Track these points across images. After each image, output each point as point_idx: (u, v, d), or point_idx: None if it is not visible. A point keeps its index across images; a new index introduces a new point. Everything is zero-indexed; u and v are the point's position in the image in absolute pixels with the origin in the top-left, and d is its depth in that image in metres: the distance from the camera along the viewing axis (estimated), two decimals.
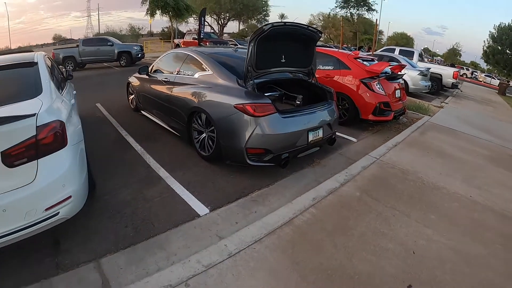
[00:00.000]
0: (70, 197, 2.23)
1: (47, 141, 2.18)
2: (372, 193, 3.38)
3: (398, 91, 6.12)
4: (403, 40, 45.67)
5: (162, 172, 3.74)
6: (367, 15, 13.04)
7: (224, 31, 33.75)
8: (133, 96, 6.43)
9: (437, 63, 21.06)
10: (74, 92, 4.54)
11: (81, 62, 14.96)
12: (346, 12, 12.60)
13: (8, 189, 2.02)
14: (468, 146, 5.57)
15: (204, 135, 4.05)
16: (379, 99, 5.56)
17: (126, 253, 2.39)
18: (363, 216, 2.93)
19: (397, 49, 13.15)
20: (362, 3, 12.53)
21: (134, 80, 6.23)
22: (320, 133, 3.96)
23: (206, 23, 28.88)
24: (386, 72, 6.01)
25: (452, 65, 18.76)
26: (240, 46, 15.10)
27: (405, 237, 2.64)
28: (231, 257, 2.25)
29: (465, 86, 18.89)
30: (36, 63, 3.14)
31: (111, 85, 10.58)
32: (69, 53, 14.77)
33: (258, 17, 31.76)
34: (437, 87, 11.93)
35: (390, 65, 6.23)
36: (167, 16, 17.41)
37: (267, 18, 32.54)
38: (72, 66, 14.19)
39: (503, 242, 2.76)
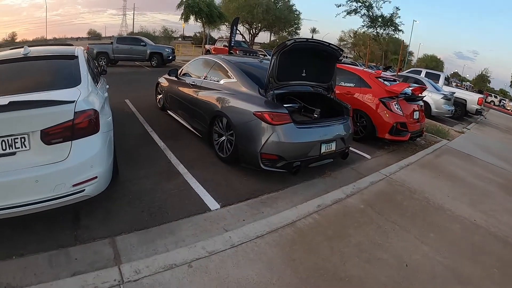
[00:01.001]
0: (96, 177, 2.45)
1: (82, 126, 2.40)
2: (376, 207, 3.49)
3: (417, 112, 6.14)
4: (433, 63, 44.38)
5: (181, 168, 3.96)
6: (394, 35, 13.06)
7: (255, 41, 34.37)
8: (161, 96, 6.76)
9: (465, 88, 20.37)
10: (107, 86, 4.84)
11: (113, 59, 15.53)
12: (373, 31, 12.58)
13: (43, 163, 2.24)
14: (482, 172, 5.49)
15: (223, 138, 4.27)
16: (396, 119, 5.61)
17: (140, 234, 2.60)
18: (363, 227, 3.05)
19: (424, 71, 12.95)
20: (388, 23, 12.41)
21: (163, 81, 6.58)
22: (333, 146, 4.09)
23: (237, 32, 29.56)
24: (405, 93, 6.06)
25: (480, 91, 18.08)
26: (268, 57, 15.42)
27: (401, 250, 2.74)
28: (233, 248, 2.42)
29: (491, 113, 18.21)
30: (77, 57, 3.39)
31: (141, 84, 11.01)
32: (103, 49, 15.43)
33: (290, 29, 32.06)
34: (461, 113, 11.64)
35: (410, 86, 6.26)
36: (200, 21, 18.00)
37: (298, 31, 32.88)
38: (104, 62, 14.73)
39: (500, 266, 2.79)
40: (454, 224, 3.42)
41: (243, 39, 30.03)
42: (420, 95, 6.60)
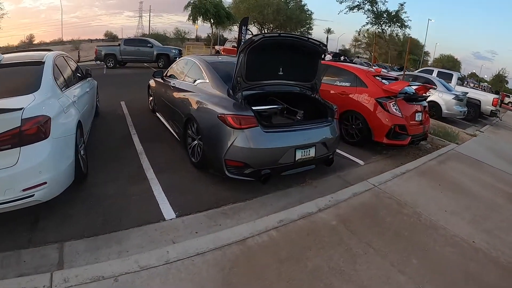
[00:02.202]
0: (45, 183, 2.43)
1: (30, 132, 2.40)
2: (351, 224, 2.96)
3: (420, 114, 5.50)
4: (450, 63, 42.02)
5: (150, 173, 3.70)
6: (400, 32, 12.02)
7: None
8: (151, 98, 6.53)
9: (483, 89, 19.01)
10: (88, 89, 4.75)
11: (121, 60, 15.51)
12: (378, 28, 11.66)
13: None
14: (491, 181, 4.80)
15: (195, 142, 3.92)
16: (394, 121, 5.01)
17: (88, 241, 2.48)
18: (328, 249, 2.54)
19: (435, 70, 12.04)
20: (394, 19, 11.44)
21: (152, 83, 6.36)
22: (311, 152, 3.61)
23: (249, 32, 29.02)
24: (406, 92, 5.43)
25: (496, 92, 16.83)
26: None
27: (367, 281, 2.22)
28: (167, 264, 2.17)
29: (508, 115, 16.79)
30: (43, 63, 3.33)
31: (141, 86, 10.77)
32: (110, 51, 15.45)
33: (302, 29, 31.19)
34: (474, 114, 10.71)
35: (410, 85, 5.61)
36: (208, 22, 17.66)
37: (310, 31, 31.92)
38: (112, 63, 15.04)
39: None
40: (446, 247, 2.85)
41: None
42: (424, 94, 5.94)
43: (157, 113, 6.00)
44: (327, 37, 34.27)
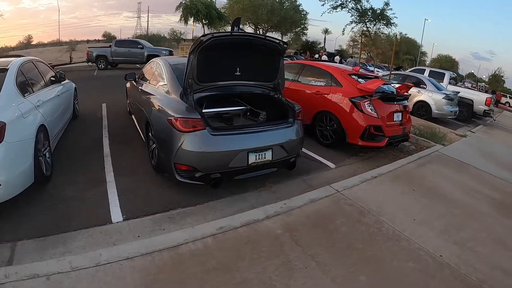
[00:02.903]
0: None
1: None
2: (298, 234, 2.62)
3: (399, 114, 5.11)
4: (448, 63, 41.18)
5: (110, 176, 3.61)
6: (386, 30, 11.49)
7: None
8: (128, 100, 6.35)
9: (480, 89, 18.42)
10: (60, 93, 4.72)
11: (112, 62, 15.36)
12: (363, 26, 11.21)
13: None
14: (475, 185, 4.39)
15: (154, 145, 3.70)
16: (369, 122, 4.63)
17: (38, 241, 2.50)
18: (264, 260, 2.24)
19: (427, 70, 11.60)
20: (379, 17, 10.96)
21: (128, 85, 6.20)
22: (267, 155, 3.34)
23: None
24: (383, 91, 5.05)
25: (493, 92, 16.33)
26: None
27: None
28: (97, 266, 2.12)
29: (504, 115, 16.11)
30: (7, 70, 3.39)
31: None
32: (102, 52, 15.34)
33: (297, 30, 30.74)
34: (467, 114, 10.23)
35: (385, 83, 5.22)
36: (200, 23, 17.40)
37: (305, 31, 31.54)
38: (103, 65, 14.97)
39: None
40: (406, 262, 2.46)
41: None
42: (406, 93, 5.55)
43: (132, 116, 5.81)
44: (325, 38, 33.88)
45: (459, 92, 9.64)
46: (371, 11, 11.17)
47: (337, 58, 16.71)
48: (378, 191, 3.67)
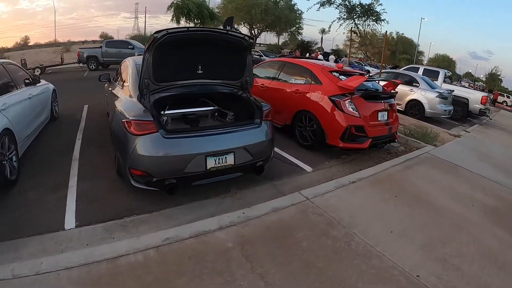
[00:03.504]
0: None
1: None
2: (251, 248, 2.28)
3: (384, 113, 4.68)
4: (445, 63, 40.44)
5: (73, 181, 3.41)
6: (376, 26, 10.96)
7: (262, 42, 32.58)
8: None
9: (478, 88, 17.90)
10: (32, 96, 4.52)
11: (103, 62, 15.00)
12: (351, 23, 10.73)
13: None
14: (466, 190, 3.96)
15: None
16: (349, 122, 4.21)
17: None
18: (206, 278, 1.98)
19: (421, 68, 11.15)
20: (369, 13, 10.45)
21: (106, 86, 5.80)
22: (228, 160, 2.99)
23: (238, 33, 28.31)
24: (366, 89, 4.63)
25: (490, 91, 15.84)
26: (265, 57, 14.12)
27: None
28: (36, 275, 1.99)
29: (501, 114, 15.56)
30: None
31: None
32: (92, 53, 15.07)
33: (292, 29, 30.21)
34: (462, 113, 9.75)
35: (370, 80, 4.80)
36: (191, 23, 16.98)
37: (300, 31, 30.96)
38: (94, 66, 14.72)
39: None
40: (374, 284, 2.06)
41: None
42: (392, 91, 5.13)
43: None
44: (322, 38, 33.35)
45: (454, 90, 9.18)
46: (359, 7, 10.69)
47: (331, 57, 16.28)
48: (354, 198, 3.25)
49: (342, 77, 4.62)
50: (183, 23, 16.77)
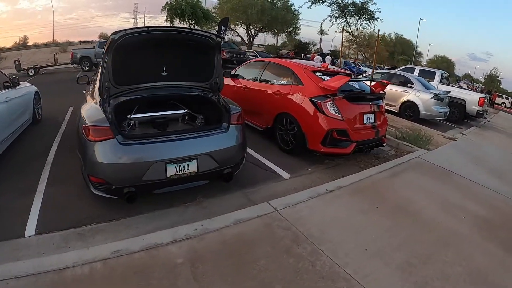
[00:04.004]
0: None
1: None
2: (202, 266, 2.05)
3: (371, 115, 4.35)
4: (444, 64, 39.73)
5: (42, 186, 3.25)
6: (369, 25, 10.53)
7: (260, 43, 32.18)
8: None
9: (477, 90, 17.42)
10: (9, 99, 4.34)
11: (97, 63, 14.66)
12: (343, 21, 10.36)
13: None
14: (457, 199, 3.61)
15: None
16: (331, 125, 3.89)
17: None
18: None
19: (417, 68, 10.78)
20: (362, 11, 10.03)
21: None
22: (191, 167, 2.77)
23: (235, 33, 28.07)
24: (349, 90, 4.30)
25: (489, 92, 15.46)
26: (260, 58, 13.82)
27: None
28: None
29: (500, 116, 15.11)
30: None
31: None
32: (86, 54, 14.90)
33: (289, 30, 29.81)
34: (459, 115, 9.36)
35: (352, 80, 4.46)
36: (185, 23, 16.71)
37: (297, 31, 30.56)
38: (88, 66, 14.53)
39: None
40: None
41: (242, 41, 28.45)
42: (381, 92, 4.79)
43: None
44: (320, 39, 32.98)
45: (450, 91, 8.80)
46: (352, 5, 10.31)
47: (328, 58, 15.93)
48: (329, 209, 2.92)
49: (325, 77, 4.29)
50: (177, 23, 16.52)
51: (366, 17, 9.07)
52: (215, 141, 2.93)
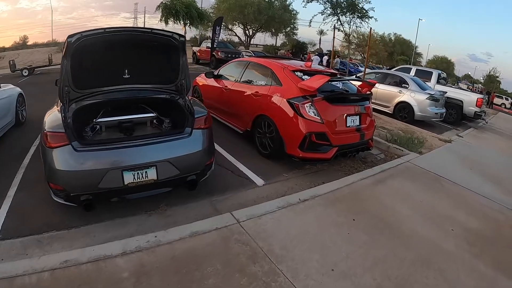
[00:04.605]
0: None
1: None
2: (146, 281, 1.87)
3: (355, 117, 4.01)
4: (443, 65, 38.88)
5: (12, 191, 3.11)
6: (363, 24, 10.03)
7: (254, 43, 31.64)
8: None
9: (478, 91, 16.87)
10: None
11: None
12: (335, 19, 9.90)
13: None
14: (447, 209, 3.26)
15: None
16: (310, 128, 3.56)
17: None
18: None
19: (414, 68, 10.36)
20: (353, 9, 9.57)
21: None
22: (150, 174, 2.58)
23: (234, 34, 27.71)
24: (331, 90, 3.97)
25: (488, 93, 14.97)
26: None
27: None
28: None
29: (499, 117, 14.51)
30: None
31: None
32: None
33: (287, 30, 29.37)
34: (456, 116, 8.93)
35: (335, 80, 4.11)
36: (179, 23, 16.47)
37: (295, 31, 30.09)
38: None
39: None
40: None
41: (229, 41, 28.10)
42: (368, 93, 4.45)
43: None
44: (320, 39, 32.60)
45: (447, 92, 8.40)
46: (344, 3, 9.83)
47: (325, 58, 15.59)
48: (298, 222, 2.59)
49: (305, 77, 3.96)
50: (171, 24, 16.29)
51: (358, 14, 8.65)
52: (176, 147, 2.70)
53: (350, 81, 4.65)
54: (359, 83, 4.68)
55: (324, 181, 3.58)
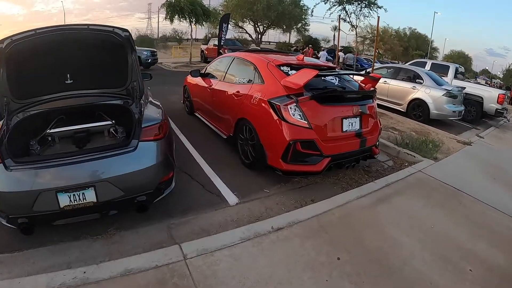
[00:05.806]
0: None
1: None
2: None
3: (354, 120, 3.25)
4: (460, 59, 35.95)
5: None
6: (371, 14, 8.97)
7: (267, 40, 30.38)
8: None
9: (495, 86, 15.24)
10: None
11: None
12: (341, 10, 8.90)
13: None
14: (465, 236, 2.51)
15: None
16: (294, 135, 2.86)
17: None
18: None
19: (429, 62, 9.25)
20: None
21: None
22: (88, 196, 2.11)
23: (245, 31, 26.80)
24: (324, 87, 3.24)
25: (508, 88, 13.48)
26: None
27: None
28: None
29: None
30: None
31: None
32: None
33: (298, 26, 28.08)
34: (475, 114, 7.86)
35: (327, 73, 3.33)
36: (184, 21, 15.87)
37: (306, 27, 28.71)
38: None
39: None
40: None
41: (250, 39, 27.19)
42: (372, 89, 3.68)
43: None
44: (334, 35, 31.03)
45: (465, 88, 7.35)
46: None
47: (341, 54, 14.63)
48: (262, 262, 1.93)
49: (293, 72, 3.25)
50: (176, 21, 15.72)
51: (366, 3, 7.69)
52: (117, 164, 2.16)
53: (351, 76, 3.89)
54: (361, 78, 3.90)
55: (314, 199, 2.89)
